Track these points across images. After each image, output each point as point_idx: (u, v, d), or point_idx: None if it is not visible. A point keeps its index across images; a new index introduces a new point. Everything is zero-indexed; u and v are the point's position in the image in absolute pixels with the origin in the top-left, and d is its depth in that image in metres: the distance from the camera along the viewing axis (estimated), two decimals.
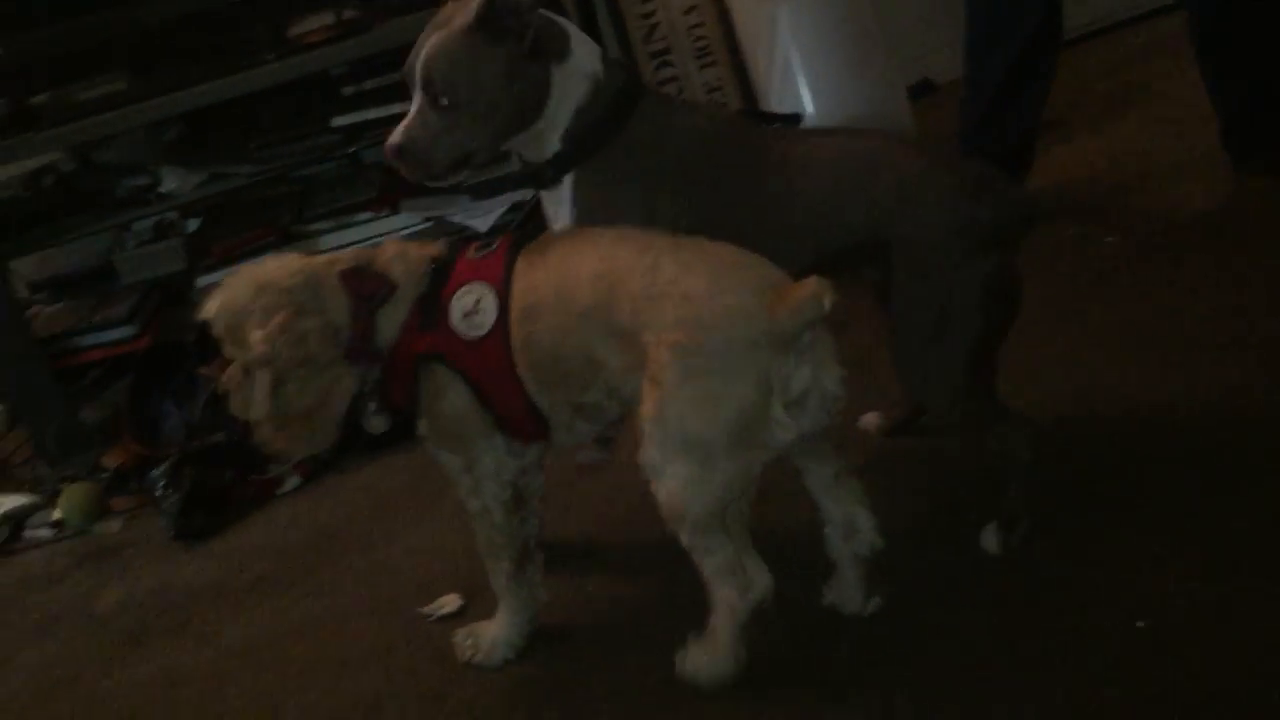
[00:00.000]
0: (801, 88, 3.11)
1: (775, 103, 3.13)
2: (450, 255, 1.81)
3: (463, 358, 1.75)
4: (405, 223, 3.18)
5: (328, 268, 1.79)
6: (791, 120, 2.94)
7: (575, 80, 1.83)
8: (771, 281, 1.61)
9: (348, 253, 1.86)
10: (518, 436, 1.83)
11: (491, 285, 1.74)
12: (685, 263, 1.62)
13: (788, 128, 2.10)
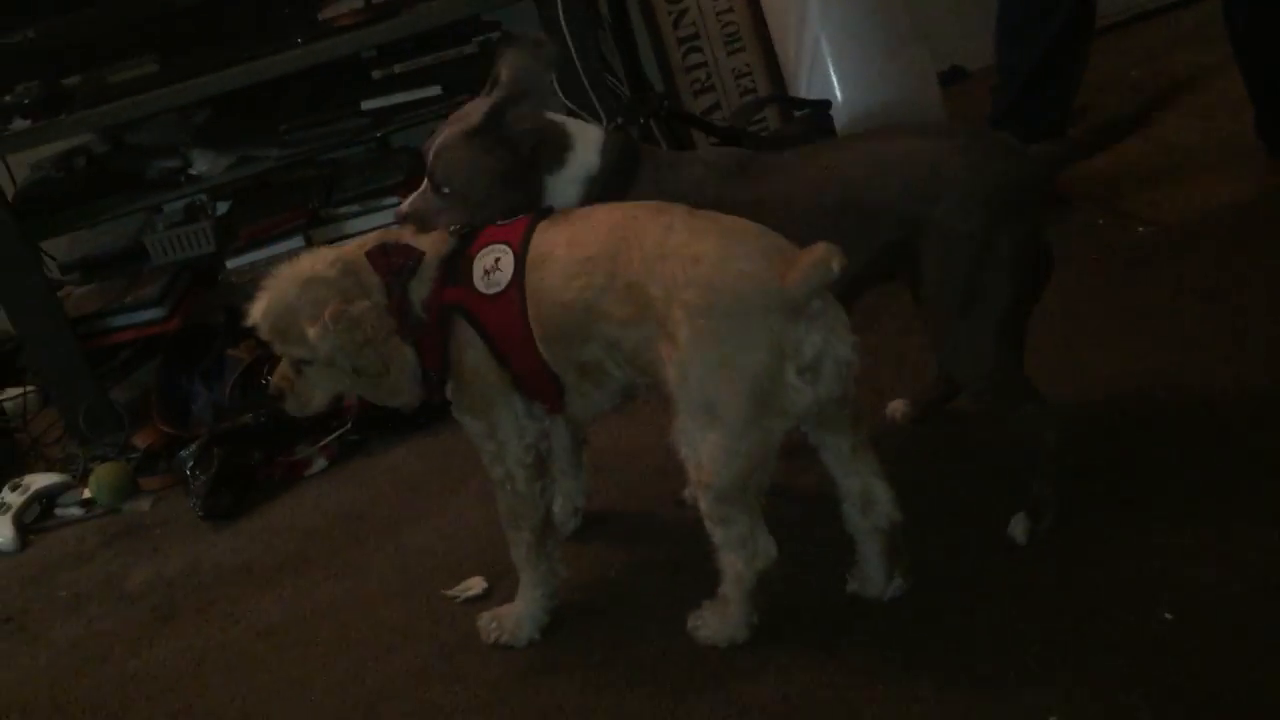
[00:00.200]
0: (831, 74, 3.09)
1: (804, 89, 3.11)
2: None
3: (483, 311, 1.79)
4: None
5: (357, 252, 1.84)
6: (820, 106, 2.92)
7: (571, 185, 1.93)
8: (780, 249, 1.65)
9: (372, 235, 1.91)
10: (535, 398, 1.86)
11: (511, 245, 1.79)
12: (698, 229, 1.68)
13: (793, 144, 2.12)
